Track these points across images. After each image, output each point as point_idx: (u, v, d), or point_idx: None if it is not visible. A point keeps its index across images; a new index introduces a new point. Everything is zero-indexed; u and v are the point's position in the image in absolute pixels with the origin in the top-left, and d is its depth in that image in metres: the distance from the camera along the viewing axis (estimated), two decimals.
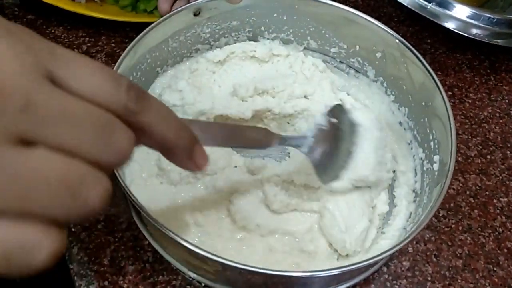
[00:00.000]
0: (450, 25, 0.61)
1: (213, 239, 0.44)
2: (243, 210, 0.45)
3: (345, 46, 0.57)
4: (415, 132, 0.52)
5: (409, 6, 0.62)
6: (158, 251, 0.45)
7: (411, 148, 0.52)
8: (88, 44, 0.61)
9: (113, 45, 0.61)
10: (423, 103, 0.51)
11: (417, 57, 0.50)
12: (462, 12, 0.61)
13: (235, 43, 0.57)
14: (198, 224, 0.44)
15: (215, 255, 0.35)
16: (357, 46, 0.56)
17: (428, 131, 0.50)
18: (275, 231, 0.46)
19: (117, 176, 0.38)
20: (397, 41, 0.51)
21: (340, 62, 0.59)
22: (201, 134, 0.29)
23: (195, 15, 0.51)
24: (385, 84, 0.56)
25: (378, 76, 0.56)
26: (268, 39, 0.58)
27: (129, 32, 0.63)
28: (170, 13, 0.50)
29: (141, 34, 0.47)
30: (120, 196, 0.48)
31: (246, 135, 0.36)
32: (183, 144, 0.27)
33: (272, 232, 0.45)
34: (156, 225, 0.36)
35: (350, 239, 0.44)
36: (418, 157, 0.51)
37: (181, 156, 0.27)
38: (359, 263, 0.38)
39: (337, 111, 0.44)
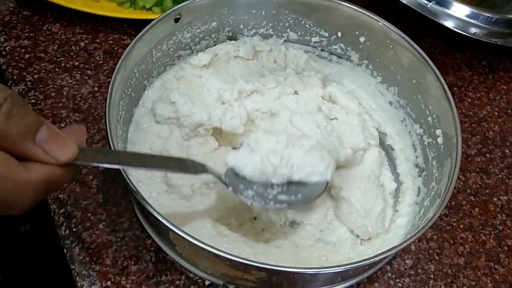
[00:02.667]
0: (449, 24, 0.61)
1: (241, 246, 0.44)
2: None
3: (326, 34, 0.57)
4: (408, 110, 0.53)
5: (408, 5, 0.62)
6: (190, 269, 0.44)
7: (406, 125, 0.54)
8: (86, 41, 0.60)
9: (111, 42, 0.60)
10: (414, 81, 0.51)
11: (403, 38, 0.51)
12: (461, 11, 0.61)
13: (215, 44, 0.56)
14: (222, 234, 0.44)
15: (265, 264, 0.35)
16: (339, 33, 0.56)
17: (423, 107, 0.51)
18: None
19: (132, 190, 0.38)
20: (380, 23, 0.52)
21: (322, 50, 0.59)
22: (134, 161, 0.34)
23: (175, 21, 0.50)
24: (370, 67, 0.56)
25: (362, 59, 0.57)
26: (247, 36, 0.58)
27: (127, 28, 0.62)
28: (152, 22, 0.48)
29: (128, 47, 0.45)
30: (120, 195, 0.48)
31: (169, 164, 0.38)
32: None
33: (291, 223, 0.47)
34: (196, 243, 0.35)
35: (370, 223, 0.45)
36: (416, 133, 0.52)
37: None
38: (364, 260, 0.38)
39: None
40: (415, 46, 0.50)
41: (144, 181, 0.46)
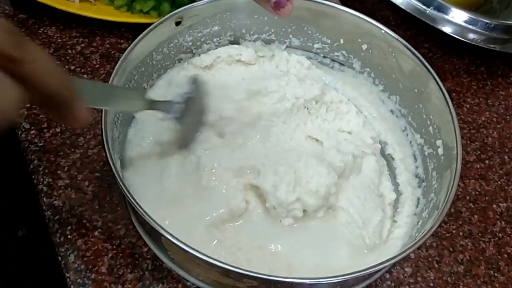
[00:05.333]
0: (448, 29, 0.61)
1: (235, 252, 0.43)
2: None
3: (329, 41, 0.56)
4: (409, 119, 0.53)
5: (407, 10, 0.62)
6: (182, 275, 0.44)
7: (407, 135, 0.53)
8: (82, 45, 0.59)
9: (107, 46, 0.60)
10: (416, 90, 0.51)
11: (406, 46, 0.50)
12: (459, 16, 0.61)
13: (217, 48, 0.56)
14: (217, 239, 0.43)
15: (256, 273, 0.35)
16: (341, 40, 0.56)
17: (425, 116, 0.50)
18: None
19: (124, 191, 0.37)
20: (383, 31, 0.51)
21: (324, 57, 0.58)
22: (84, 92, 0.31)
23: (177, 24, 0.50)
24: (372, 75, 0.56)
25: (364, 67, 0.56)
26: (249, 41, 0.57)
27: (124, 32, 0.61)
28: (152, 25, 0.48)
29: (127, 50, 0.45)
30: (116, 201, 0.47)
31: (122, 96, 0.40)
32: (66, 96, 0.26)
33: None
34: (186, 249, 0.35)
35: (368, 234, 0.45)
36: (416, 143, 0.52)
37: (64, 110, 0.27)
38: (362, 270, 0.38)
39: (194, 81, 0.47)
40: (418, 55, 0.49)
41: (138, 188, 0.45)
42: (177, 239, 0.35)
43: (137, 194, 0.38)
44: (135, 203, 0.37)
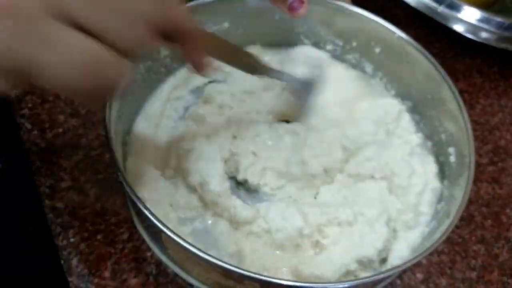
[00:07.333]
0: (459, 28, 0.59)
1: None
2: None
3: (341, 43, 0.55)
4: (422, 125, 0.51)
5: (417, 8, 0.60)
6: (181, 275, 0.42)
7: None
8: None
9: None
10: (429, 96, 0.50)
11: (420, 51, 0.49)
12: (471, 15, 0.59)
13: None
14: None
15: (258, 274, 0.34)
16: (354, 42, 0.54)
17: (437, 123, 0.49)
18: None
19: (130, 195, 0.36)
20: (396, 35, 0.50)
21: (335, 60, 0.56)
22: (206, 44, 0.34)
23: None
24: (384, 79, 0.54)
25: (376, 71, 0.55)
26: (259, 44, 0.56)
27: None
28: None
29: None
30: (120, 205, 0.46)
31: (244, 57, 0.41)
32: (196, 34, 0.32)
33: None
34: (186, 247, 0.34)
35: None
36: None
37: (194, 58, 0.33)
38: (372, 276, 0.38)
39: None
40: (432, 60, 0.48)
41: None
42: (176, 234, 0.34)
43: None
44: (134, 195, 0.36)
